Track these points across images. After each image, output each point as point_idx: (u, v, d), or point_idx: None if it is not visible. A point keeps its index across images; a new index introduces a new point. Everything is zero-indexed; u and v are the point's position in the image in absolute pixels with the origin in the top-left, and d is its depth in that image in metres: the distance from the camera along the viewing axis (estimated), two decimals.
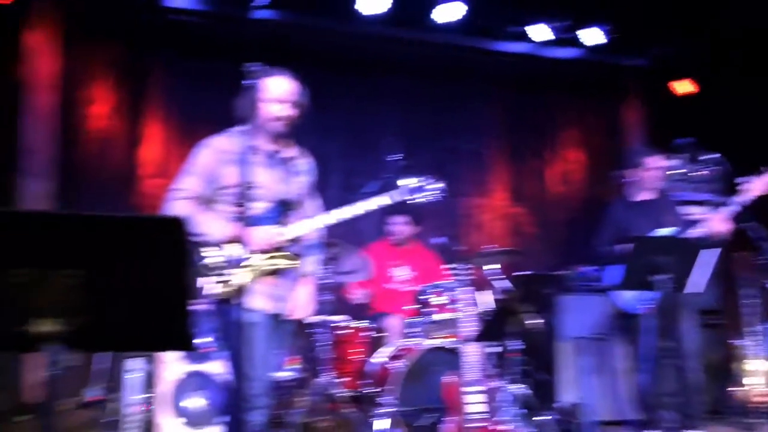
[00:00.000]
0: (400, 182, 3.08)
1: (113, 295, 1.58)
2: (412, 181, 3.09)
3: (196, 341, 1.67)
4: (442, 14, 5.75)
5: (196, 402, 4.14)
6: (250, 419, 2.72)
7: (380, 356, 4.40)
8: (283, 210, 2.91)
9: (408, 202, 3.10)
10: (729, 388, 5.03)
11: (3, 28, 5.00)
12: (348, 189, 5.68)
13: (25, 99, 5.16)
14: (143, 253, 1.52)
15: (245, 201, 2.65)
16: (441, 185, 3.12)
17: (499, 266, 4.55)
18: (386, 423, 3.92)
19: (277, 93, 2.87)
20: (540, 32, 6.07)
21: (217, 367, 4.13)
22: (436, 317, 4.39)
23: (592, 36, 6.14)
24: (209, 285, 2.74)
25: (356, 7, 5.52)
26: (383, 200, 3.03)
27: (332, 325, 4.51)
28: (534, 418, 4.31)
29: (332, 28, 5.86)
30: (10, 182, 5.03)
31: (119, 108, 5.59)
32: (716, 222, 3.83)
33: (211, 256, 2.77)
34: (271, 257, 2.85)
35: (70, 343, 1.61)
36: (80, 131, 5.46)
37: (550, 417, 4.42)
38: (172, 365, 4.13)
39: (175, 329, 1.59)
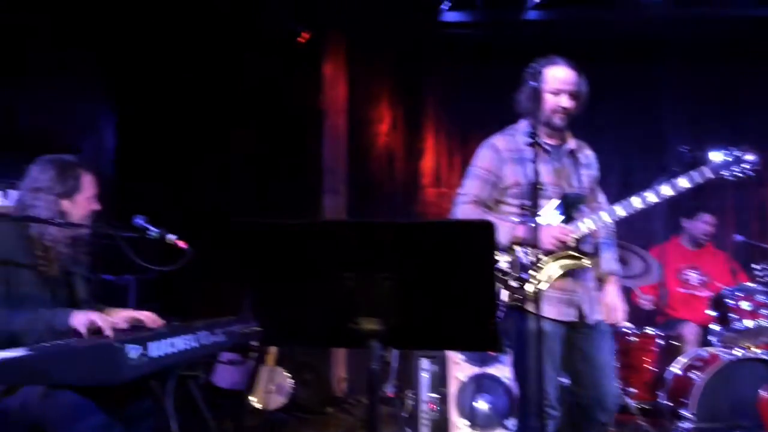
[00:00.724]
0: (711, 155, 2.74)
1: (425, 297, 1.68)
2: (718, 156, 2.74)
3: (502, 343, 1.71)
4: None
5: (482, 404, 4.23)
6: (541, 428, 2.65)
7: (676, 366, 4.08)
8: (569, 206, 2.76)
9: (723, 176, 2.73)
10: None
11: (305, 62, 5.73)
12: (627, 187, 5.36)
13: (324, 124, 5.80)
14: (454, 256, 1.59)
15: (531, 200, 2.59)
16: (753, 157, 2.73)
17: None
18: None
19: (557, 83, 2.77)
20: None
21: (504, 372, 4.18)
22: (743, 324, 3.94)
23: None
24: (500, 291, 2.69)
25: None
26: (684, 183, 2.70)
27: (620, 331, 4.29)
28: None
29: (607, 18, 5.60)
30: (318, 199, 5.70)
31: (400, 124, 6.01)
32: None
33: (499, 260, 2.72)
34: (562, 257, 2.71)
35: (388, 340, 1.75)
36: (366, 149, 5.97)
37: None
38: (460, 366, 4.28)
39: (483, 330, 1.64)
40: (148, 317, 2.65)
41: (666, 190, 2.72)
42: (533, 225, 2.58)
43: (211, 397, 4.66)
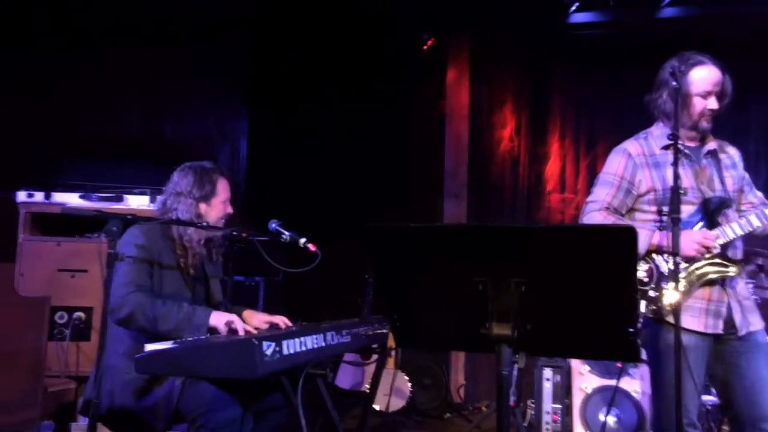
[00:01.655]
0: None
1: (561, 303, 1.63)
2: None
3: (640, 354, 1.62)
4: None
5: (609, 418, 4.07)
6: None
7: None
8: (713, 211, 2.57)
9: None
10: None
11: (429, 69, 5.79)
12: None
13: (447, 129, 5.81)
14: (594, 262, 1.54)
15: (668, 205, 2.42)
16: None
17: None
18: None
19: (705, 84, 2.58)
20: None
21: (633, 385, 4.01)
22: None
23: None
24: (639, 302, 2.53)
25: None
26: None
27: None
28: None
29: (751, 13, 5.20)
30: (438, 202, 5.73)
31: (523, 128, 5.90)
32: None
33: (638, 270, 2.53)
34: (705, 265, 2.53)
35: (519, 346, 1.72)
36: (488, 154, 5.90)
37: None
38: (585, 377, 4.14)
39: (622, 339, 1.57)
40: (281, 320, 2.79)
41: None
42: (671, 232, 2.39)
43: (332, 395, 4.78)
